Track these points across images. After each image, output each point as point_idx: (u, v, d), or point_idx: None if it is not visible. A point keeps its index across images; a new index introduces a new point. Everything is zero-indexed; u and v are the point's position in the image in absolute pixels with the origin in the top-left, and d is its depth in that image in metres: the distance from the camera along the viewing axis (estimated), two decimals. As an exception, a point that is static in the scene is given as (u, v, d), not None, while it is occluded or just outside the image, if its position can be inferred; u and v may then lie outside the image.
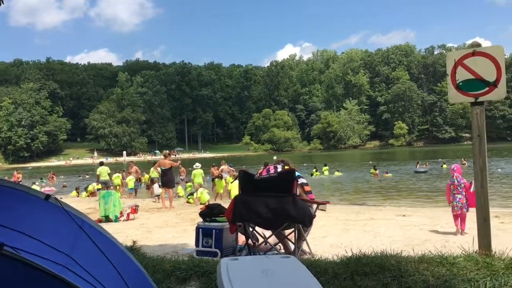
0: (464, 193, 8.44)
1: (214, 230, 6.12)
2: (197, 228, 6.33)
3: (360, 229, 9.08)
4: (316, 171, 32.92)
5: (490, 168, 31.53)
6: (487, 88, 4.35)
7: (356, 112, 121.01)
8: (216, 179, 19.49)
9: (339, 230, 9.03)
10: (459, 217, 8.46)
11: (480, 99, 4.42)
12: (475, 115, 4.43)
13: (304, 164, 46.87)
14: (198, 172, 19.73)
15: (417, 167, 33.47)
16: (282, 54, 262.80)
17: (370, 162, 46.38)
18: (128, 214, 11.97)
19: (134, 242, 5.84)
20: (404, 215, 11.41)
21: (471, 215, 8.11)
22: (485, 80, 4.34)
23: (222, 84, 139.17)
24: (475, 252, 4.29)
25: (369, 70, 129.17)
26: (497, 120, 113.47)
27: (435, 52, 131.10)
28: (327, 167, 33.53)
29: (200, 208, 7.19)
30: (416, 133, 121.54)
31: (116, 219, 11.58)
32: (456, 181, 8.56)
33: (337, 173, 32.62)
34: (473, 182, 9.51)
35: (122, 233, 9.19)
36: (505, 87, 4.28)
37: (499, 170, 29.94)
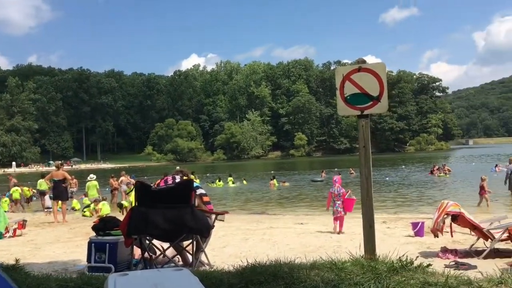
0: (342, 200, 9.91)
1: (107, 244, 5.85)
2: (89, 243, 6.01)
3: (259, 238, 9.23)
4: (219, 181, 33.05)
5: (380, 176, 33.94)
6: (371, 102, 4.68)
7: (258, 123, 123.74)
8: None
9: (239, 240, 9.10)
10: (338, 220, 9.86)
11: (366, 112, 4.73)
12: (361, 127, 4.72)
13: (208, 175, 46.80)
14: (92, 184, 18.83)
15: (323, 176, 35.17)
16: (187, 64, 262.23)
17: (272, 172, 47.61)
18: (14, 230, 11.02)
19: (17, 260, 5.37)
20: (301, 223, 11.80)
21: (355, 220, 8.88)
22: (369, 95, 4.66)
23: (123, 92, 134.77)
24: (362, 257, 4.54)
25: (271, 83, 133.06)
26: (386, 132, 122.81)
27: (332, 67, 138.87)
28: (231, 178, 33.80)
29: (94, 222, 6.84)
30: (314, 144, 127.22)
31: (1, 236, 10.61)
32: (336, 190, 10.06)
33: (245, 182, 33.14)
34: (349, 191, 10.38)
35: (6, 250, 8.46)
36: (387, 101, 4.63)
37: (387, 178, 32.27)
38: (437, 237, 6.82)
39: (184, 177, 6.30)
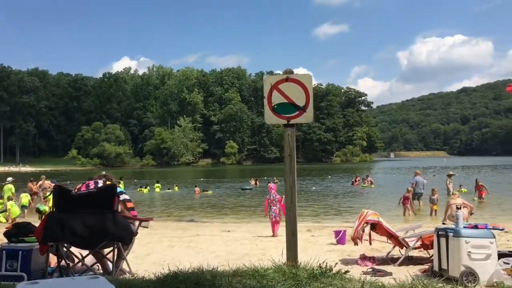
0: (278, 205, 10.65)
1: (20, 252, 5.50)
2: (0, 250, 5.62)
3: (185, 246, 9.11)
4: (146, 187, 32.36)
5: (307, 186, 34.78)
6: (297, 112, 4.79)
7: (190, 129, 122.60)
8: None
9: (164, 247, 8.93)
10: (275, 224, 10.59)
11: (292, 121, 4.83)
12: (287, 136, 4.81)
13: (135, 180, 45.60)
14: (7, 188, 17.73)
15: (254, 183, 35.55)
16: (118, 66, 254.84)
17: (201, 179, 47.32)
18: None
19: None
20: (228, 231, 11.80)
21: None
22: (296, 105, 4.77)
23: (47, 92, 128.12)
24: (284, 264, 4.61)
25: (203, 90, 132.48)
26: (314, 143, 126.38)
27: (264, 77, 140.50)
28: (159, 184, 33.17)
29: (6, 228, 6.41)
30: (245, 152, 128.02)
31: None
32: (272, 197, 10.90)
33: (176, 189, 32.62)
34: (284, 196, 10.83)
35: None
36: (313, 111, 4.77)
37: (313, 188, 33.15)
38: (357, 244, 7.08)
39: (107, 182, 6.08)
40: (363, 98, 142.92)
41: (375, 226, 6.96)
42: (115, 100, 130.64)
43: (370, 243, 7.50)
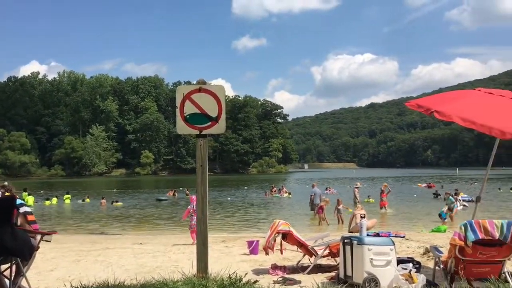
0: None
1: None
2: None
3: (92, 260, 8.70)
4: (54, 198, 30.63)
5: (223, 196, 34.83)
6: (210, 123, 4.80)
7: (103, 138, 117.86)
8: None
9: (70, 262, 8.46)
10: (195, 233, 10.44)
11: (204, 132, 4.82)
12: (199, 146, 4.80)
13: (42, 192, 42.90)
14: None
15: (172, 194, 35.09)
16: (26, 71, 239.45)
17: (115, 190, 45.62)
18: None
19: None
20: (141, 243, 11.47)
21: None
22: (208, 115, 4.78)
23: None
24: (194, 276, 4.56)
25: (118, 98, 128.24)
26: (232, 154, 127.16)
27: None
28: (69, 195, 31.52)
29: None
30: (161, 163, 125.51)
31: None
32: (193, 207, 11.05)
33: (87, 200, 31.09)
34: None
35: None
36: (225, 122, 4.80)
37: (229, 198, 33.30)
38: (268, 254, 7.19)
39: (6, 193, 5.67)
40: (279, 110, 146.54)
41: (286, 236, 7.12)
42: (20, 106, 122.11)
43: (282, 253, 7.66)
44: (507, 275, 4.90)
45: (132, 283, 4.40)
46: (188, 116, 4.78)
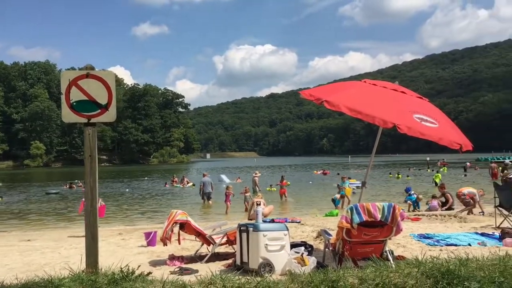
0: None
1: None
2: None
3: (-30, 261, 7.91)
4: None
5: (121, 188, 33.71)
6: (99, 110, 4.55)
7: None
8: None
9: None
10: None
11: (93, 120, 4.57)
12: (88, 135, 4.54)
13: None
14: None
15: (68, 187, 33.19)
16: None
17: (0, 184, 42.01)
18: None
19: None
20: (29, 240, 10.70)
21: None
22: (97, 103, 4.53)
23: None
24: (83, 271, 4.33)
25: (4, 84, 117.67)
26: (131, 144, 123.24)
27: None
28: None
29: None
30: (54, 154, 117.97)
31: None
32: None
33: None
34: (100, 199, 10.27)
35: None
36: (115, 110, 4.59)
37: (127, 190, 32.29)
38: (166, 245, 7.07)
39: None
40: (180, 99, 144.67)
41: (184, 226, 7.05)
42: None
43: (179, 243, 7.58)
44: (388, 253, 5.30)
45: (13, 283, 4.07)
46: (74, 103, 4.49)
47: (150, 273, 4.17)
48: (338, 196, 18.70)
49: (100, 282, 3.85)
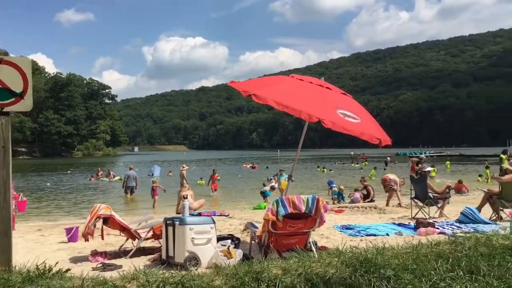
0: (14, 202, 9.49)
1: None
2: None
3: None
4: None
5: (41, 182, 32.05)
6: (13, 99, 4.27)
7: None
8: None
9: None
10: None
11: (6, 109, 4.28)
12: (1, 125, 4.24)
13: None
14: None
15: None
16: None
17: None
18: None
19: None
20: None
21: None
22: (11, 91, 4.24)
23: None
24: (-6, 269, 4.07)
25: None
26: (53, 136, 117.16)
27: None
28: None
29: None
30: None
31: None
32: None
33: None
34: (20, 194, 9.71)
35: None
36: (32, 99, 4.32)
37: (48, 184, 30.76)
38: (88, 241, 6.82)
39: None
40: (107, 90, 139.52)
41: (108, 220, 6.83)
42: None
43: (103, 238, 7.34)
44: (311, 244, 5.47)
45: None
46: (-14, 91, 4.17)
47: (69, 269, 3.99)
48: (268, 188, 18.85)
49: (14, 280, 3.63)
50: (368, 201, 15.91)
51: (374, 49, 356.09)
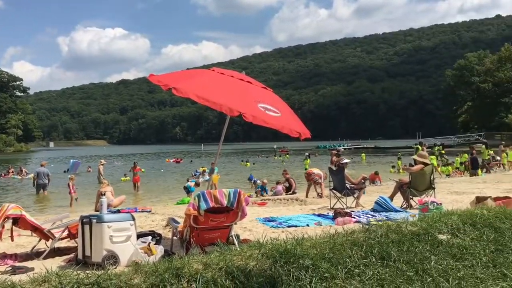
0: None
1: None
2: None
3: None
4: None
5: None
6: None
7: None
8: None
9: None
10: None
11: None
12: None
13: None
14: None
15: None
16: None
17: None
18: None
19: None
20: None
21: None
22: None
23: None
24: None
25: None
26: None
27: None
28: None
29: None
30: None
31: None
32: None
33: None
34: None
35: None
36: None
37: None
38: (-5, 243, 6.36)
39: None
40: (18, 82, 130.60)
41: (18, 220, 6.40)
42: None
43: (12, 239, 6.88)
44: (233, 238, 5.49)
45: None
46: None
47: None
48: (192, 183, 18.62)
49: None
50: (290, 194, 16.29)
51: (296, 44, 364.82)
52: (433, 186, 9.85)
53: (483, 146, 27.06)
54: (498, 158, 25.81)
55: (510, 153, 24.56)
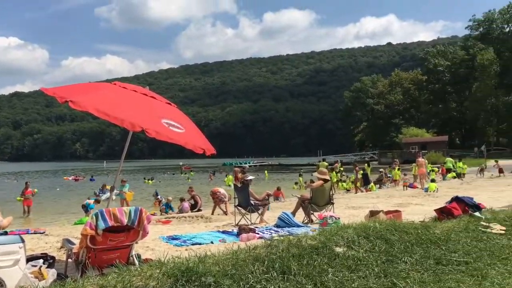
0: None
1: None
2: None
3: None
4: None
5: None
6: None
7: None
8: None
9: None
10: None
11: None
12: None
13: None
14: None
15: None
16: None
17: None
18: None
19: None
20: None
21: None
22: None
23: None
24: None
25: None
26: None
27: None
28: None
29: None
30: None
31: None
32: None
33: None
34: None
35: None
36: None
37: None
38: None
39: None
40: None
41: None
42: None
43: None
44: (134, 258, 5.27)
45: None
46: None
47: None
48: (91, 201, 17.72)
49: None
50: (196, 211, 16.14)
51: (203, 62, 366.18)
52: (332, 201, 10.31)
53: (366, 164, 29.03)
54: (390, 175, 27.86)
55: (398, 172, 26.81)
